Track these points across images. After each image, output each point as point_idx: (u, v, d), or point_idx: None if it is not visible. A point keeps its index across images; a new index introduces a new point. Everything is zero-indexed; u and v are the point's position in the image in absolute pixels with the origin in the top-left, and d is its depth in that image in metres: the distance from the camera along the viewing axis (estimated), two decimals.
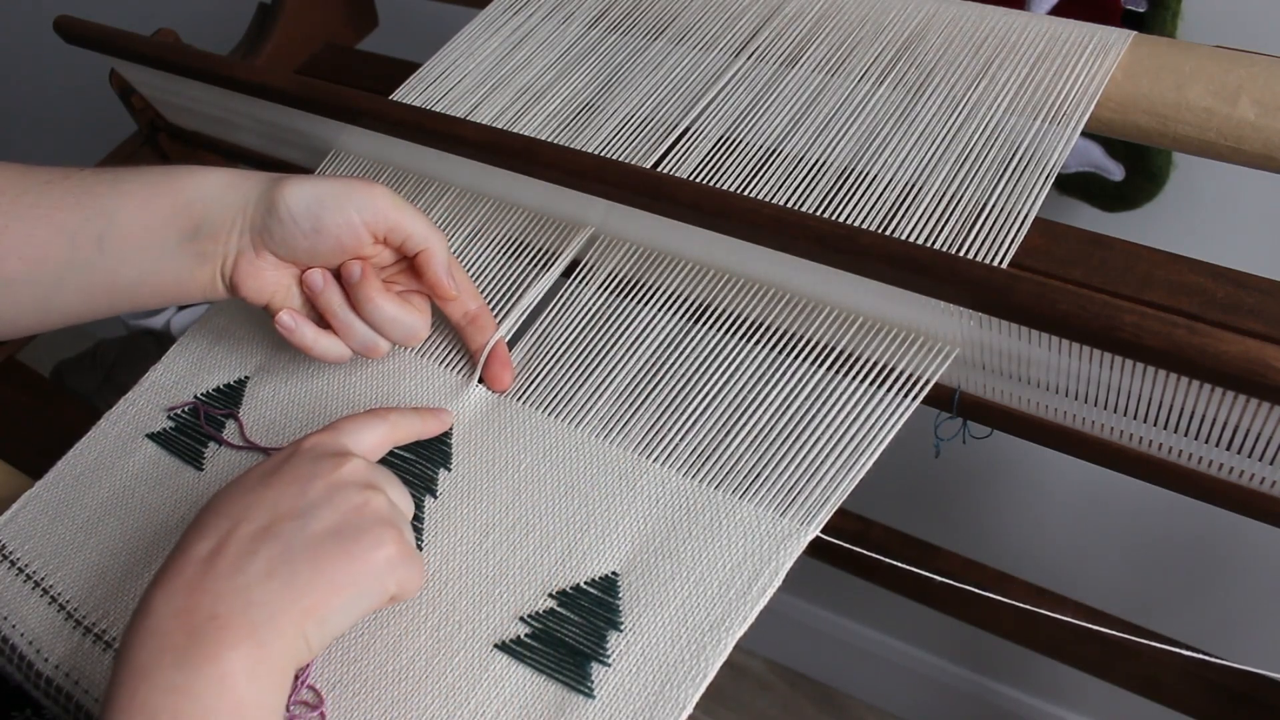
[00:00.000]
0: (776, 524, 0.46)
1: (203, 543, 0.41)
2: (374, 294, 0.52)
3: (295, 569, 0.40)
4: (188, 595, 0.39)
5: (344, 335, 0.53)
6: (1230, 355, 0.39)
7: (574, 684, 0.44)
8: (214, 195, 0.51)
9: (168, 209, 0.51)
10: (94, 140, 0.93)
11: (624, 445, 0.50)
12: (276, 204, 0.50)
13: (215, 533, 0.41)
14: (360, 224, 0.51)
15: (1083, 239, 0.52)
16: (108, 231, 0.50)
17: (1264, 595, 1.02)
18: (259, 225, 0.51)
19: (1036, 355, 0.46)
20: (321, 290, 0.52)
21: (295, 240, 0.51)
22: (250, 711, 0.38)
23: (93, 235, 0.50)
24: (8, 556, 0.53)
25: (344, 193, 0.51)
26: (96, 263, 0.51)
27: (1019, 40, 0.56)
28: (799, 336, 0.51)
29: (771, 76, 0.59)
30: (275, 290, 0.53)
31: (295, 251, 0.51)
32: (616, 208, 0.52)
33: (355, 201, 0.50)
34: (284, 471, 0.43)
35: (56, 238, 0.50)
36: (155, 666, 0.37)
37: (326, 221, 0.50)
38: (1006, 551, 1.16)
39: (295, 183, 0.51)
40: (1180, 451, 0.47)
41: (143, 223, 0.51)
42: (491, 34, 0.67)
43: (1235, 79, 0.52)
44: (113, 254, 0.51)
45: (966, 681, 1.36)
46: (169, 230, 0.51)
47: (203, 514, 0.43)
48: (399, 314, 0.52)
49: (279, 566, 0.40)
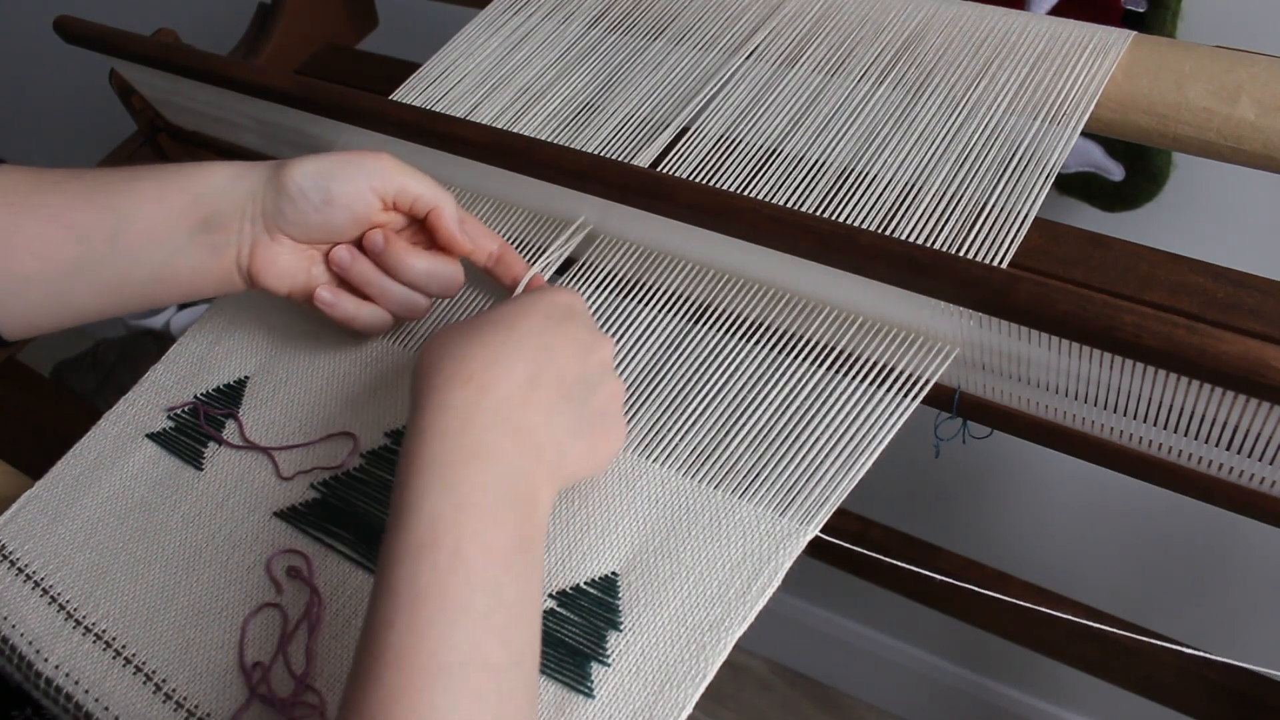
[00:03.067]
0: (776, 524, 0.46)
1: (519, 366, 0.43)
2: (403, 254, 0.52)
3: (590, 440, 0.45)
4: (512, 421, 0.42)
5: (383, 301, 0.54)
6: (1230, 355, 0.39)
7: (574, 684, 0.44)
8: (221, 187, 0.52)
9: (177, 204, 0.51)
10: (94, 140, 0.93)
11: (624, 445, 0.50)
12: (285, 183, 0.51)
13: (527, 363, 0.43)
14: (369, 190, 0.51)
15: (1083, 239, 0.52)
16: (120, 229, 0.50)
17: (1264, 595, 1.02)
18: (270, 210, 0.51)
19: (1036, 355, 0.46)
20: (351, 264, 0.53)
21: (308, 216, 0.51)
22: (539, 548, 0.42)
23: (105, 233, 0.50)
24: (8, 556, 0.53)
25: (350, 162, 0.51)
26: (109, 260, 0.51)
27: (1019, 40, 0.56)
28: (799, 336, 0.51)
29: (771, 76, 0.59)
30: (295, 275, 0.53)
31: (309, 229, 0.52)
32: (616, 208, 0.52)
33: (363, 169, 0.51)
34: (569, 329, 0.46)
35: (69, 236, 0.50)
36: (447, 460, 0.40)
37: (336, 192, 0.51)
38: (1006, 551, 1.16)
39: (300, 161, 0.51)
40: (1180, 451, 0.47)
41: (154, 219, 0.51)
42: (491, 34, 0.67)
43: (1235, 79, 0.52)
44: (125, 251, 0.51)
45: (966, 681, 1.36)
46: (179, 225, 0.51)
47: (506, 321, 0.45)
48: (433, 267, 0.53)
49: (579, 428, 0.45)
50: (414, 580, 0.37)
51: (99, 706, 0.48)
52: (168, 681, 0.48)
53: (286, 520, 0.52)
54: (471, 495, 0.39)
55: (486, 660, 0.37)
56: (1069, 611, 0.67)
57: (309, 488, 0.53)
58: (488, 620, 0.37)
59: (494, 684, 0.36)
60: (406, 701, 0.35)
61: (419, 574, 0.37)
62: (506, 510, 0.40)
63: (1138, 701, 0.73)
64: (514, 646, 0.38)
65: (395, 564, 0.38)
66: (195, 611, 0.49)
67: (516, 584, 0.39)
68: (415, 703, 0.35)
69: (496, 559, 0.39)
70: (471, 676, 0.36)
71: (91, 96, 1.12)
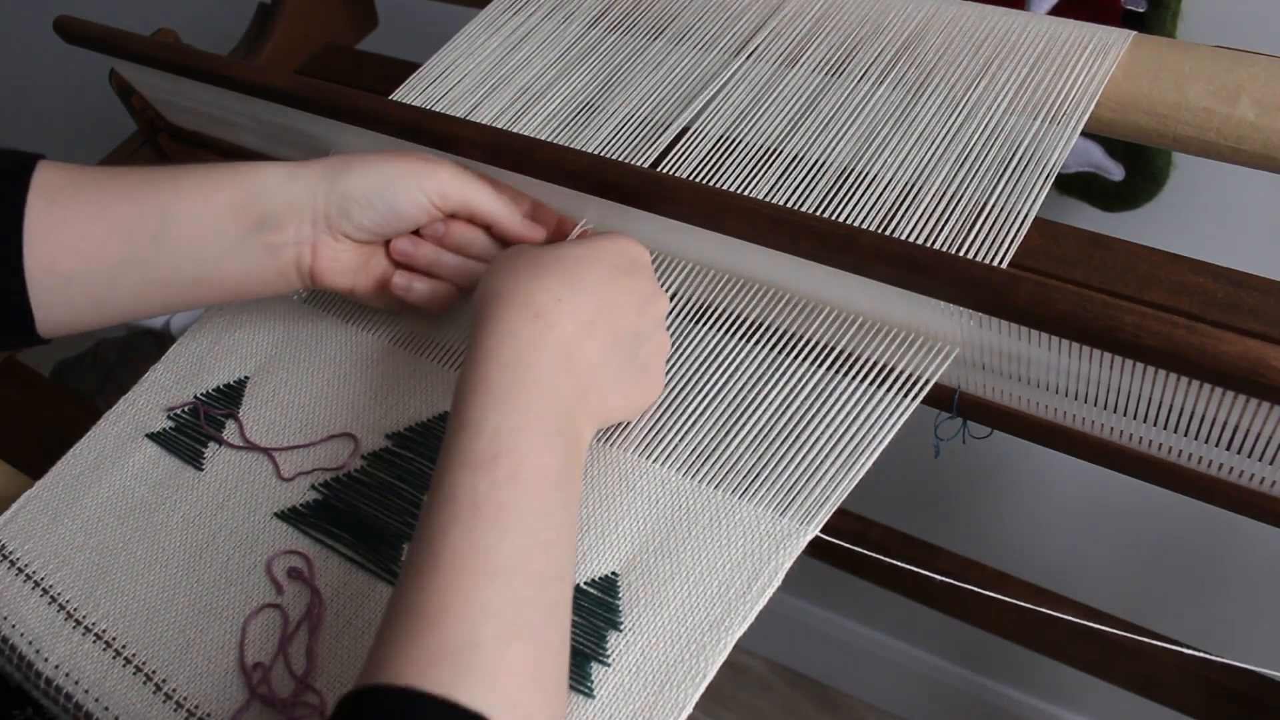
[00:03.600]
0: (776, 524, 0.46)
1: (582, 309, 0.45)
2: (464, 235, 0.54)
3: (631, 389, 0.48)
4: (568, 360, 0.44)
5: (455, 277, 0.55)
6: (1230, 355, 0.39)
7: (574, 684, 0.44)
8: (277, 187, 0.52)
9: (226, 204, 0.51)
10: (94, 140, 0.93)
11: (623, 446, 0.50)
12: (349, 192, 0.52)
13: (589, 308, 0.46)
14: (428, 203, 0.53)
15: (1083, 239, 0.52)
16: (164, 227, 0.50)
17: (1264, 595, 1.02)
18: (335, 214, 0.52)
19: (1036, 355, 0.46)
20: (415, 251, 0.54)
21: (371, 224, 0.53)
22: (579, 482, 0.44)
23: (148, 231, 0.50)
24: (8, 556, 0.53)
25: (410, 172, 0.53)
26: (152, 259, 0.51)
27: (1019, 40, 0.56)
28: (799, 336, 0.51)
29: (771, 76, 0.59)
30: (357, 271, 0.54)
31: (371, 232, 0.53)
32: (616, 207, 0.52)
33: (421, 183, 0.53)
34: (631, 283, 0.48)
35: (112, 234, 0.50)
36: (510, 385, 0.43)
37: (400, 202, 0.52)
38: (1006, 551, 1.16)
39: (362, 168, 0.52)
40: (1180, 451, 0.47)
41: (202, 218, 0.51)
42: (491, 34, 0.67)
43: (1235, 79, 0.52)
44: (169, 250, 0.51)
45: (966, 681, 1.36)
46: (228, 225, 0.51)
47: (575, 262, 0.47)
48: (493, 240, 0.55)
49: (623, 376, 0.47)
50: (473, 490, 0.40)
51: (99, 706, 0.48)
52: (168, 681, 0.48)
53: (287, 521, 0.52)
54: (530, 421, 0.42)
55: (534, 571, 0.39)
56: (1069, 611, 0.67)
57: (310, 489, 0.53)
58: (537, 536, 0.40)
59: (538, 594, 0.39)
60: (461, 596, 0.38)
61: (478, 485, 0.40)
62: (559, 439, 0.43)
63: (1138, 701, 0.73)
64: (557, 563, 0.40)
65: (455, 472, 0.41)
66: (195, 612, 0.49)
67: (562, 508, 0.42)
68: (469, 598, 0.38)
69: (548, 481, 0.41)
70: (518, 583, 0.39)
71: (91, 96, 1.12)
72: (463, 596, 0.38)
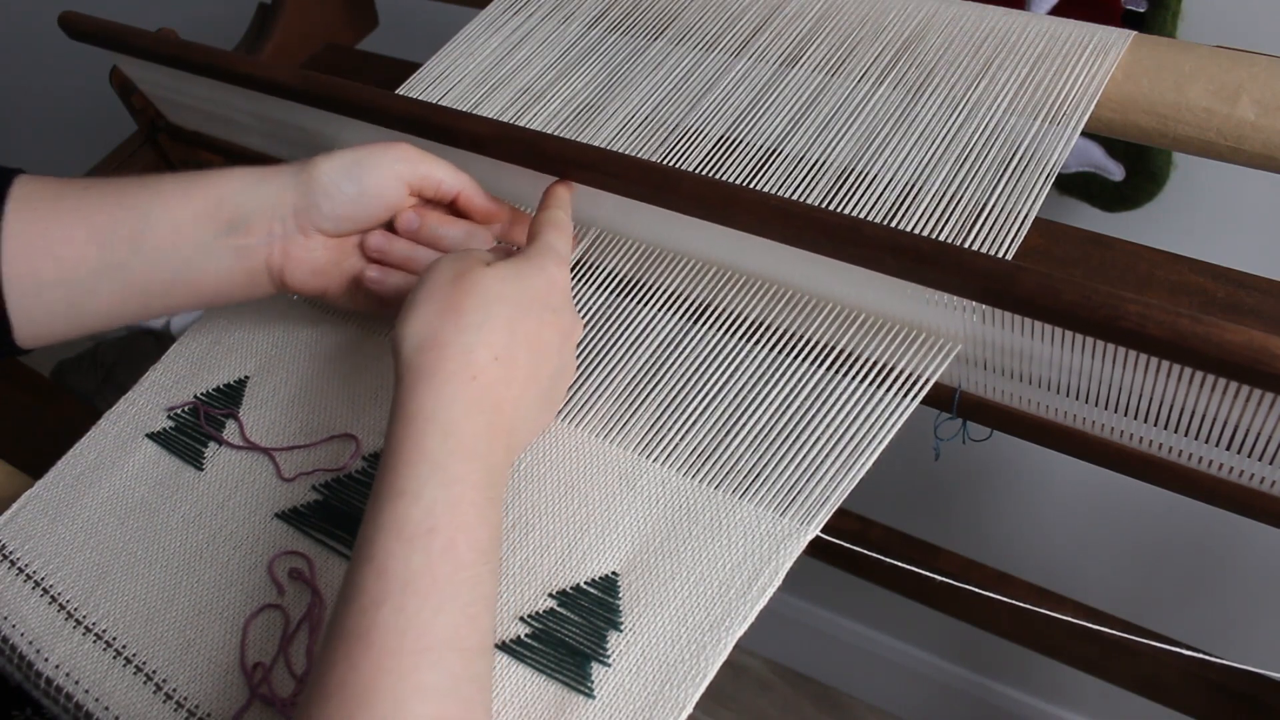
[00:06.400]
0: (776, 524, 0.46)
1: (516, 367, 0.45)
2: (439, 225, 0.54)
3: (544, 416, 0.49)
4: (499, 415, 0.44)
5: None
6: (1234, 344, 0.39)
7: (574, 684, 0.44)
8: (246, 188, 0.52)
9: (200, 207, 0.51)
10: (94, 140, 0.93)
11: (624, 445, 0.50)
12: (316, 178, 0.52)
13: (521, 362, 0.45)
14: (396, 178, 0.52)
15: (1083, 239, 0.52)
16: (141, 232, 0.50)
17: (1264, 595, 1.02)
18: (302, 206, 0.52)
19: (1039, 350, 0.46)
20: (389, 245, 0.54)
21: (342, 209, 0.52)
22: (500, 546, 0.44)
23: (126, 236, 0.50)
24: (8, 556, 0.53)
25: (375, 152, 0.52)
26: (130, 264, 0.51)
27: (1019, 40, 0.56)
28: (799, 336, 0.51)
29: (771, 76, 0.59)
30: (328, 270, 0.54)
31: (342, 221, 0.53)
32: (621, 201, 0.52)
33: (388, 158, 0.52)
34: (557, 320, 0.48)
35: (90, 239, 0.50)
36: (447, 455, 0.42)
37: (367, 183, 0.52)
38: (1006, 551, 1.16)
39: (326, 157, 0.52)
40: (1181, 452, 0.47)
41: (177, 221, 0.51)
42: (491, 34, 0.67)
43: (1235, 79, 0.52)
44: (146, 255, 0.51)
45: (966, 681, 1.36)
46: (203, 229, 0.51)
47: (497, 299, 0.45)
48: (469, 230, 0.55)
49: (539, 405, 0.48)
50: (406, 563, 0.39)
51: (99, 706, 0.48)
52: (168, 681, 0.48)
53: (288, 521, 0.52)
54: (466, 494, 0.41)
55: (463, 645, 0.39)
56: (1069, 612, 0.67)
57: (310, 489, 0.53)
58: (467, 609, 0.40)
59: (467, 668, 0.39)
60: (395, 675, 0.37)
61: (411, 558, 0.39)
62: (490, 509, 0.42)
63: (1138, 701, 0.73)
64: (483, 635, 0.40)
65: (389, 543, 0.40)
66: (196, 612, 0.50)
67: (490, 577, 0.41)
68: (403, 677, 0.37)
69: (480, 553, 0.41)
70: (450, 659, 0.38)
71: (91, 96, 1.12)
72: (397, 675, 0.37)
